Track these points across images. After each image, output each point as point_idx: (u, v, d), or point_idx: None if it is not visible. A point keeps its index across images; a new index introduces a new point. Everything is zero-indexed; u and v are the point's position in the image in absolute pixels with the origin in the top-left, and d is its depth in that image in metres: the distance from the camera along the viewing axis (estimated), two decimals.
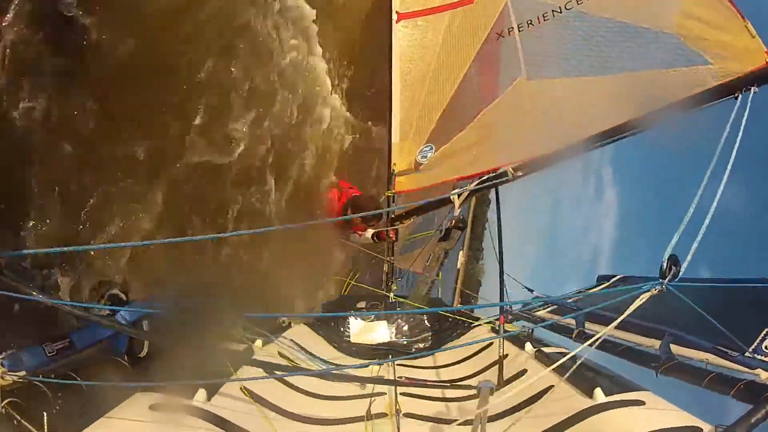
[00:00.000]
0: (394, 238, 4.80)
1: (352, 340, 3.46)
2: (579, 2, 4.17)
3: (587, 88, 3.96)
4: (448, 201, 3.84)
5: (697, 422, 1.62)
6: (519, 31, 4.53)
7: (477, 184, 3.73)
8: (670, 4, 3.68)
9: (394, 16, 5.14)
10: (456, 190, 3.72)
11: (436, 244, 4.08)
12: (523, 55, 4.42)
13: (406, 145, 4.67)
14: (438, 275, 4.10)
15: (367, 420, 1.88)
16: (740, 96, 2.89)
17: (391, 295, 3.74)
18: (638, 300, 1.76)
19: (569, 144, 3.72)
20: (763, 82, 2.90)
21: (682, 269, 1.78)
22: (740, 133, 2.44)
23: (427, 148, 4.51)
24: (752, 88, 2.87)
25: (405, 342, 3.46)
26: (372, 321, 3.53)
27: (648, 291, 1.74)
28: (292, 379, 2.29)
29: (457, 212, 3.77)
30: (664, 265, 1.79)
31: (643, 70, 3.60)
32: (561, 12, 4.29)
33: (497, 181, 3.71)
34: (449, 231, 3.96)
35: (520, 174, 3.68)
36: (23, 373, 1.59)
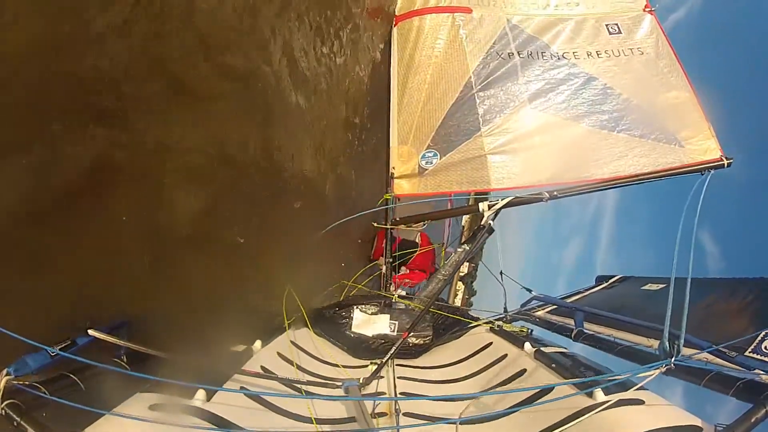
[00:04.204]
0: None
1: (353, 329, 3.47)
2: (576, 58, 4.90)
3: (585, 136, 4.56)
4: (476, 209, 4.05)
5: (696, 421, 1.62)
6: (519, 57, 4.73)
7: (511, 200, 4.01)
8: (663, 93, 4.77)
9: (393, 21, 5.21)
10: (486, 201, 3.95)
11: (459, 245, 4.12)
12: (524, 81, 4.66)
13: (405, 150, 4.70)
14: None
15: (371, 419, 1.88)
16: (705, 173, 4.24)
17: (395, 295, 3.73)
18: (650, 377, 1.89)
19: (575, 179, 4.34)
20: (717, 168, 4.38)
21: (681, 342, 1.99)
22: (701, 199, 3.32)
23: (430, 154, 4.56)
24: (711, 171, 4.28)
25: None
26: (374, 314, 3.54)
27: (657, 368, 1.89)
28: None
29: (484, 221, 3.88)
30: (667, 345, 2.03)
31: (635, 137, 4.56)
32: (558, 59, 4.90)
33: (530, 199, 4.05)
34: (476, 233, 4.00)
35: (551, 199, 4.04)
36: (29, 376, 1.61)
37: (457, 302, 12.09)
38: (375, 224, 5.01)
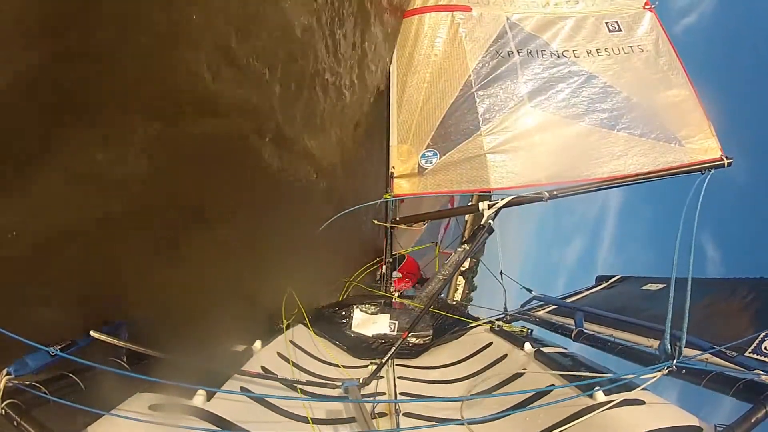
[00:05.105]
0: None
1: (353, 328, 3.47)
2: (576, 56, 4.90)
3: (585, 134, 4.54)
4: (476, 209, 4.06)
5: (696, 421, 1.62)
6: (519, 55, 4.72)
7: (511, 199, 4.01)
8: (663, 91, 4.76)
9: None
10: (486, 201, 3.94)
11: (459, 245, 4.12)
12: (524, 80, 4.65)
13: (405, 149, 4.69)
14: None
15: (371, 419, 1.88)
16: (705, 173, 4.24)
17: (395, 295, 3.73)
18: (652, 378, 1.88)
19: (574, 178, 4.31)
20: (717, 168, 4.37)
21: (683, 343, 1.97)
22: (700, 198, 3.28)
23: (430, 153, 4.55)
24: (711, 170, 4.29)
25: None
26: (374, 314, 3.54)
27: (659, 370, 1.89)
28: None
29: (484, 220, 3.87)
30: (668, 347, 2.02)
31: (635, 136, 4.54)
32: (558, 57, 4.88)
33: (530, 198, 4.06)
34: (476, 233, 4.00)
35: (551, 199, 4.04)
36: (29, 376, 1.61)
37: (458, 296, 12.05)
38: (375, 221, 5.02)
